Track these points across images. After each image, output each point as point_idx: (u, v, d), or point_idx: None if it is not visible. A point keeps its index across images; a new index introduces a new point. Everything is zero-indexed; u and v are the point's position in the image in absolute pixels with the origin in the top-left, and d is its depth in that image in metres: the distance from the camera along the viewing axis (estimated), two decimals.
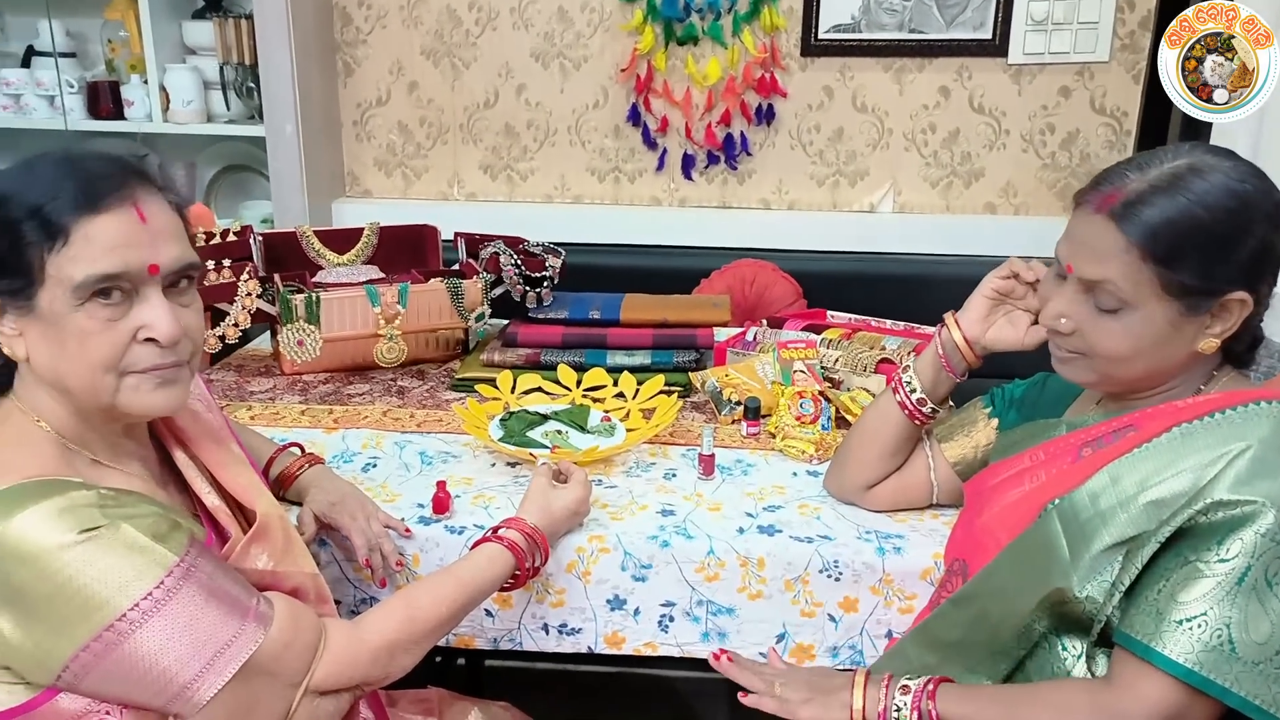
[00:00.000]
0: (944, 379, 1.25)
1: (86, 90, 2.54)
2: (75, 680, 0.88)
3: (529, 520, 1.20)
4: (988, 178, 2.58)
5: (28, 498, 0.88)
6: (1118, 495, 0.96)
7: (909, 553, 1.25)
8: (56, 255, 0.90)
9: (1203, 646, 0.88)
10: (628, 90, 2.58)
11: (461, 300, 1.80)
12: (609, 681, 2.20)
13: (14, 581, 0.86)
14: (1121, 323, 0.99)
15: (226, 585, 0.94)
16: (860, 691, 1.03)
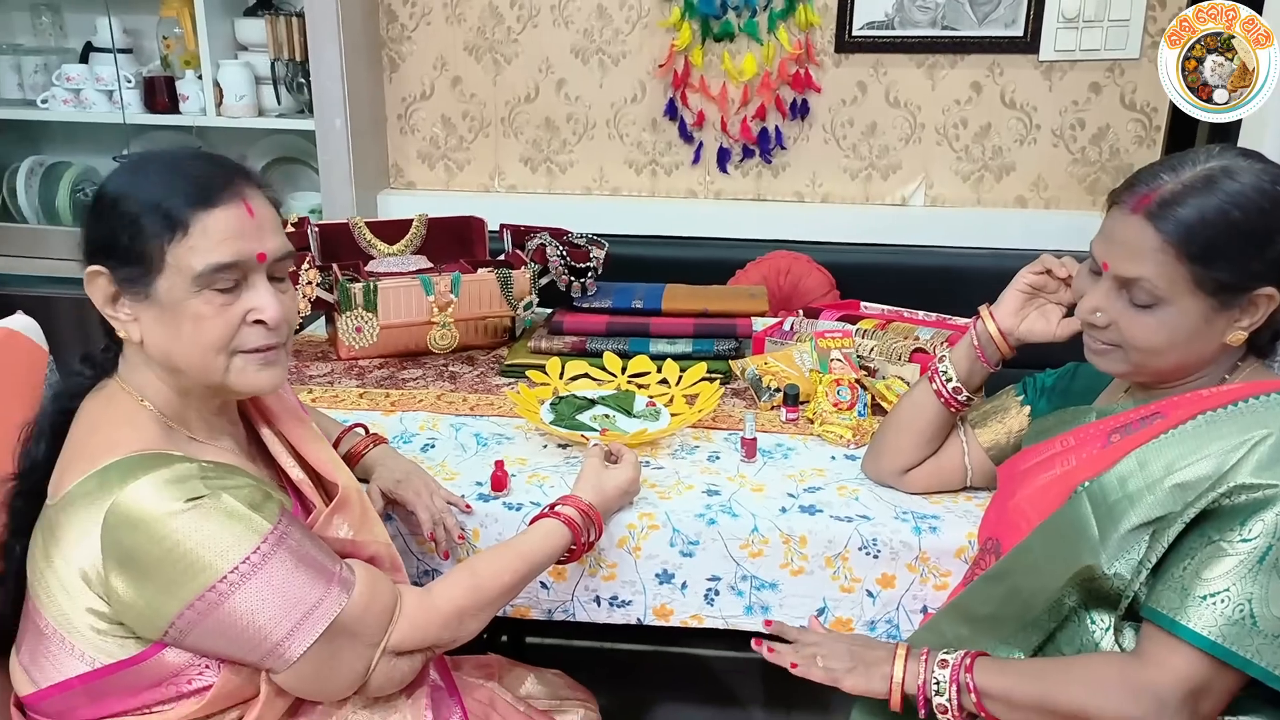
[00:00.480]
0: (978, 368, 1.31)
1: (143, 85, 2.63)
2: (180, 636, 0.97)
3: (584, 498, 1.27)
4: (1018, 172, 2.62)
5: (138, 469, 0.96)
6: (1145, 479, 1.02)
7: (944, 532, 1.32)
8: (176, 246, 0.98)
9: (1225, 620, 0.93)
10: (665, 85, 2.63)
11: (510, 289, 1.88)
12: (645, 658, 2.27)
13: (127, 545, 0.94)
14: (1156, 318, 1.04)
15: (314, 552, 1.02)
16: (901, 664, 1.10)
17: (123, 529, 0.94)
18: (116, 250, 0.99)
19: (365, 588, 1.04)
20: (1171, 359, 1.07)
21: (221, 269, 0.99)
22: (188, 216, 0.98)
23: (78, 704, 1.00)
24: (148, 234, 0.98)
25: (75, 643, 0.99)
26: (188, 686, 1.00)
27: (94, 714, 1.01)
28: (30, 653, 1.03)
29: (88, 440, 1.02)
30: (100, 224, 1.00)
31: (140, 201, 0.99)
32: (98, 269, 1.00)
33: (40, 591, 1.00)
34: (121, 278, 1.00)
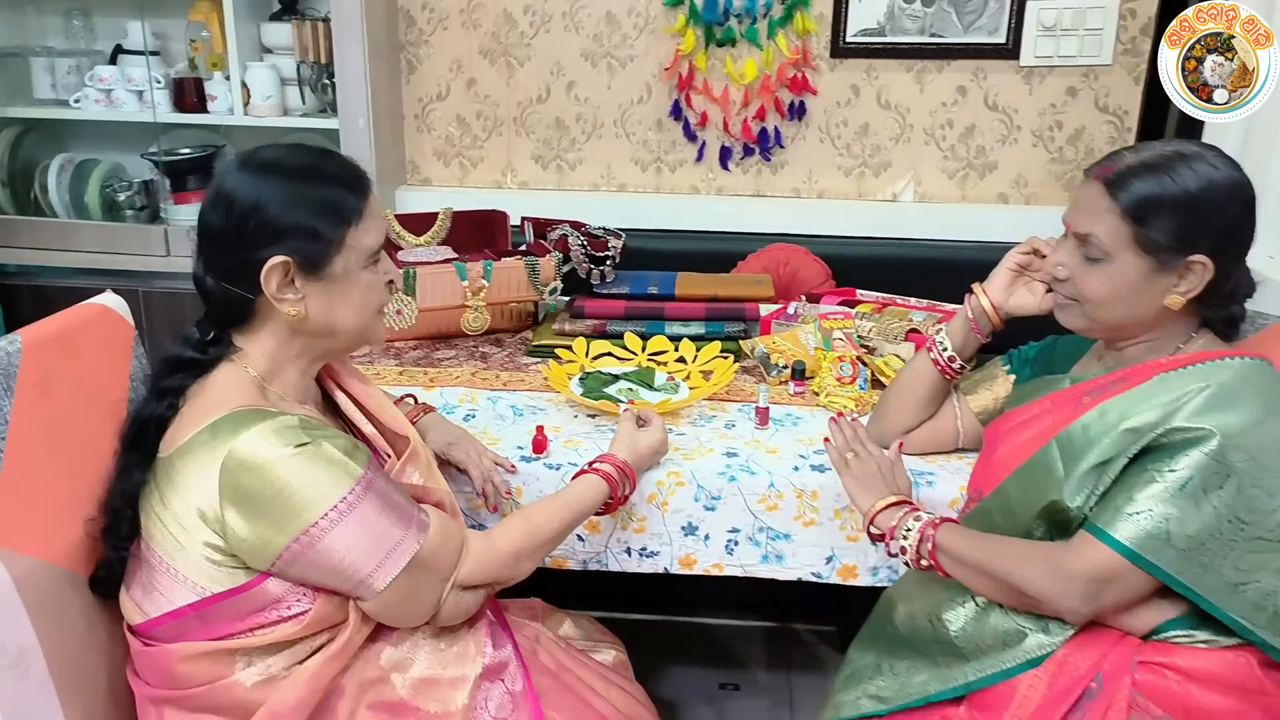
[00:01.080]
0: (972, 339, 1.47)
1: (173, 85, 2.75)
2: (285, 567, 1.11)
3: (620, 456, 1.42)
4: (1000, 170, 2.78)
5: (248, 421, 1.11)
6: (1103, 425, 1.19)
7: (939, 486, 1.48)
8: (354, 230, 1.16)
9: (1145, 534, 1.10)
10: (670, 87, 2.78)
11: (537, 276, 2.03)
12: (654, 627, 2.40)
13: (244, 486, 1.09)
14: (1104, 271, 1.22)
15: (396, 496, 1.17)
16: (885, 502, 1.31)
17: (240, 471, 1.09)
18: (303, 241, 1.14)
19: (438, 529, 1.19)
20: (1117, 312, 1.23)
21: (381, 246, 1.20)
22: (361, 204, 1.17)
23: (191, 628, 1.15)
24: (334, 222, 1.15)
25: (188, 575, 1.13)
26: (287, 612, 1.15)
27: (205, 635, 1.15)
28: (143, 588, 1.17)
29: (198, 403, 1.16)
30: (280, 222, 1.13)
31: (320, 197, 1.15)
32: (284, 259, 1.14)
33: (155, 532, 1.14)
34: (303, 263, 1.15)
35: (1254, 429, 1.10)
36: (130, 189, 2.84)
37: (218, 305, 1.19)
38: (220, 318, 1.20)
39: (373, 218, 1.20)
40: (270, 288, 1.15)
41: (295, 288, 1.17)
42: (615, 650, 1.56)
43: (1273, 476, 1.09)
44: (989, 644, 1.23)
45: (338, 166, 1.21)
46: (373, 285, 1.22)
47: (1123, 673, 1.14)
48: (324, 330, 1.21)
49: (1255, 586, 1.09)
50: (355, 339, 1.25)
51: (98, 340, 1.37)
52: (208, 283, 1.18)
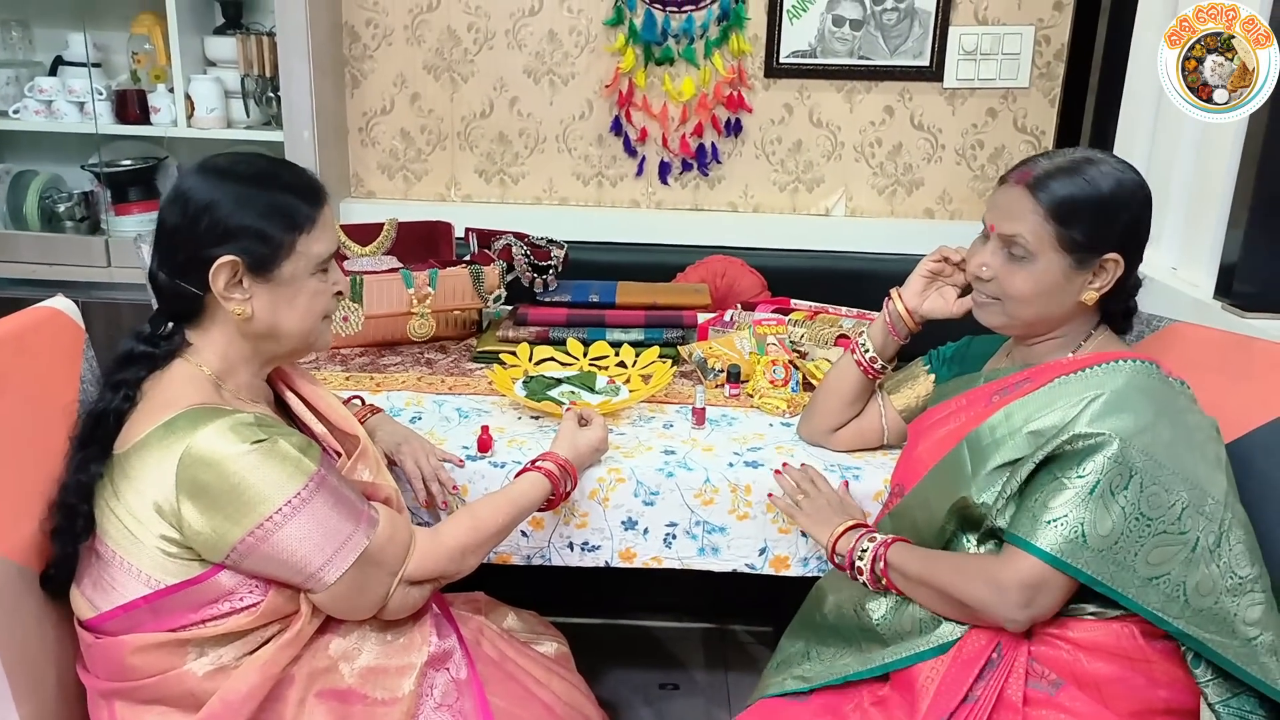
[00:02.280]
0: (890, 341, 1.56)
1: (115, 98, 2.75)
2: (239, 560, 1.15)
3: (561, 454, 1.48)
4: (926, 187, 2.89)
5: (204, 419, 1.15)
6: (1009, 427, 1.28)
7: (865, 479, 1.56)
8: (305, 237, 1.20)
9: (1064, 539, 1.18)
10: (610, 104, 2.85)
11: (481, 284, 2.08)
12: (595, 630, 2.43)
13: (201, 480, 1.12)
14: (1028, 269, 1.30)
15: (347, 493, 1.21)
16: (842, 529, 1.40)
17: (197, 466, 1.12)
18: (252, 242, 1.17)
19: (387, 525, 1.23)
20: (1036, 308, 1.32)
21: (332, 254, 1.24)
22: (314, 213, 1.22)
23: (142, 620, 1.17)
24: (284, 227, 1.19)
25: (141, 568, 1.15)
26: (239, 603, 1.18)
27: (157, 627, 1.18)
28: (94, 582, 1.19)
29: (153, 399, 1.19)
30: (230, 221, 1.17)
31: (273, 202, 1.19)
32: (232, 258, 1.17)
33: (109, 526, 1.17)
34: (252, 264, 1.19)
35: (1148, 430, 1.19)
36: (70, 200, 2.84)
37: (168, 299, 1.23)
38: (170, 312, 1.24)
39: (326, 228, 1.24)
40: (218, 285, 1.19)
41: (243, 288, 1.21)
42: (557, 643, 1.61)
43: (1168, 474, 1.18)
44: (907, 630, 1.31)
45: (294, 175, 1.25)
46: (319, 293, 1.25)
47: (1020, 643, 1.23)
48: (268, 332, 1.24)
49: (1166, 579, 1.16)
50: (300, 343, 1.28)
51: (49, 342, 1.39)
52: (160, 278, 1.22)
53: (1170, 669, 1.20)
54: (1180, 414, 1.22)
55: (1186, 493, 1.17)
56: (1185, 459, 1.19)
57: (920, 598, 1.30)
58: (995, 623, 1.23)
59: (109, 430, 1.19)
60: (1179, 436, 1.20)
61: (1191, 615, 1.16)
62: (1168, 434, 1.20)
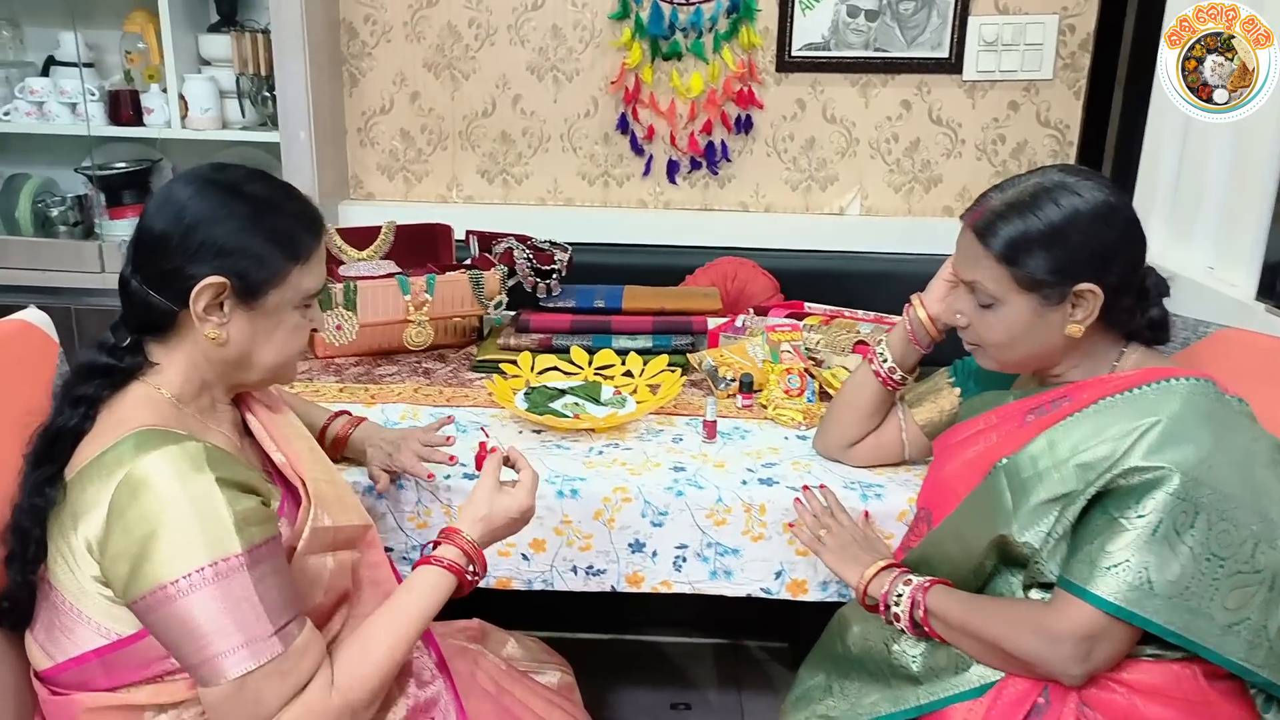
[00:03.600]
0: (911, 351, 1.46)
1: (107, 98, 2.68)
2: (140, 616, 1.02)
3: (466, 533, 1.20)
4: (945, 183, 2.80)
5: (150, 444, 1.02)
6: (1053, 458, 1.17)
7: (888, 498, 1.47)
8: (302, 267, 1.13)
9: (1127, 587, 1.07)
10: (617, 101, 2.77)
11: (481, 290, 1.99)
12: (603, 646, 2.36)
13: (128, 514, 1.00)
14: (996, 315, 1.23)
15: (270, 595, 1.03)
16: (874, 569, 1.29)
17: (127, 498, 1.00)
18: (248, 265, 1.09)
19: (295, 655, 1.04)
20: (1020, 351, 1.24)
21: (317, 292, 1.16)
22: (313, 245, 1.14)
23: (93, 675, 1.06)
24: (284, 255, 1.11)
25: (91, 616, 1.04)
26: None
27: (109, 684, 1.06)
28: (46, 629, 1.09)
29: (105, 422, 1.09)
30: (229, 241, 1.09)
31: (277, 227, 1.12)
32: (220, 279, 1.08)
33: (58, 568, 1.06)
34: (240, 288, 1.10)
35: (1210, 460, 1.08)
36: (63, 204, 2.76)
37: (137, 309, 1.13)
38: (137, 322, 1.14)
39: (319, 262, 1.17)
40: (198, 306, 1.10)
41: (222, 311, 1.12)
42: (561, 672, 1.52)
43: (1236, 506, 1.07)
44: (942, 666, 1.22)
45: (300, 203, 1.17)
46: (298, 328, 1.17)
47: (1069, 688, 1.13)
48: (239, 361, 1.15)
49: (1246, 624, 1.06)
50: (268, 376, 1.19)
51: (19, 357, 1.31)
52: (132, 284, 1.13)
53: (1234, 711, 1.11)
54: (1242, 437, 1.12)
55: (1257, 525, 1.07)
56: (1252, 487, 1.09)
57: (965, 647, 1.20)
58: (1049, 677, 1.14)
59: (65, 450, 1.09)
60: (1243, 463, 1.10)
61: (1278, 662, 1.07)
62: (1232, 462, 1.09)
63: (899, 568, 1.30)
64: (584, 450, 1.58)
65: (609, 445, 1.60)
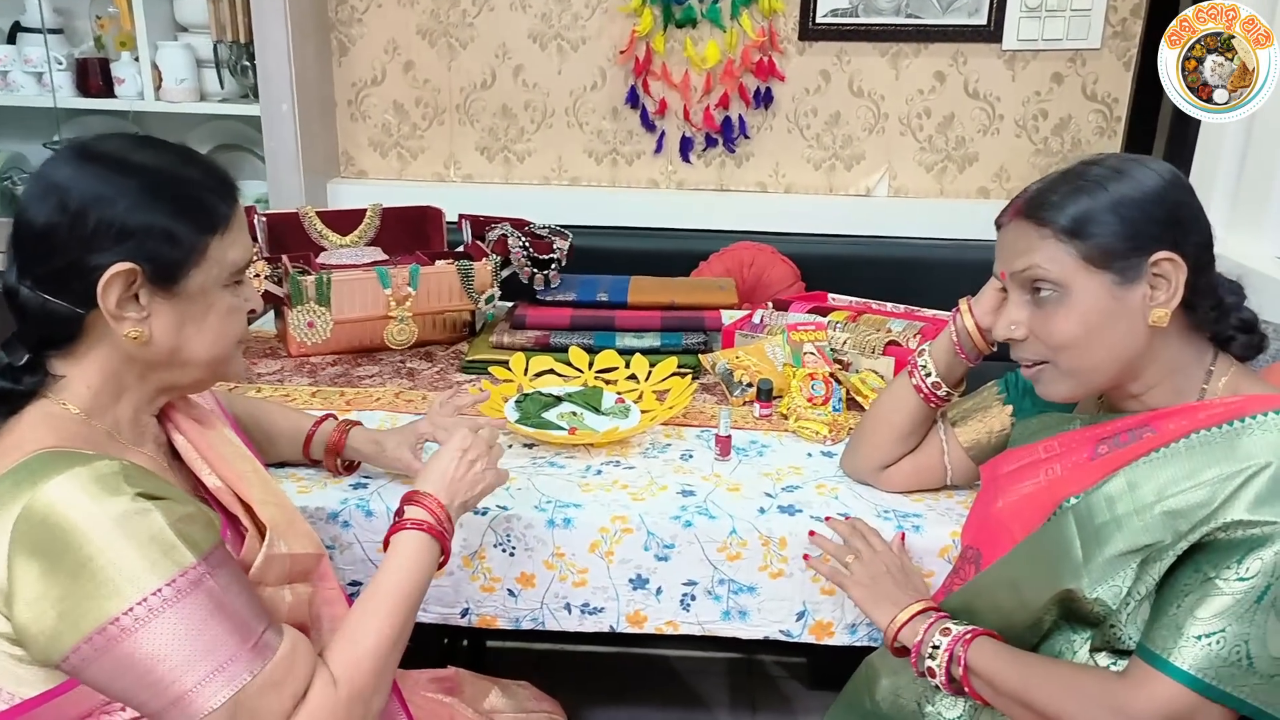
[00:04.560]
0: (958, 363, 1.27)
1: (76, 67, 2.50)
2: (75, 670, 0.86)
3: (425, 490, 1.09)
4: (981, 162, 2.61)
5: (52, 467, 0.86)
6: (1134, 502, 0.97)
7: (927, 530, 1.28)
8: (220, 240, 0.96)
9: (1221, 661, 0.89)
10: (626, 72, 2.58)
11: (471, 282, 1.80)
12: (610, 660, 2.23)
13: (38, 549, 0.84)
14: (1064, 308, 1.02)
15: (236, 603, 0.90)
16: (908, 614, 1.12)
17: (34, 534, 0.84)
18: (157, 244, 0.93)
19: (284, 660, 0.91)
20: (1100, 353, 1.03)
21: (246, 264, 1.00)
22: (228, 212, 0.98)
23: None
24: (196, 227, 0.95)
25: None
26: (120, 716, 0.91)
27: None
28: None
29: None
30: (128, 220, 0.92)
31: (180, 196, 0.95)
32: (129, 266, 0.92)
33: None
34: (154, 273, 0.93)
35: None
36: None
37: (34, 322, 0.95)
38: (36, 337, 0.96)
39: (240, 230, 1.00)
40: (109, 302, 0.92)
41: (139, 304, 0.94)
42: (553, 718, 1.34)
43: None
44: None
45: (203, 166, 1.00)
46: (233, 310, 1.01)
47: None
48: (169, 359, 0.98)
49: None
50: (207, 373, 1.02)
51: None
52: (23, 293, 0.95)
53: None
54: None
55: None
56: None
57: (1016, 717, 1.02)
58: None
59: None
60: None
61: None
62: None
63: (938, 611, 1.11)
64: (580, 469, 1.40)
65: (608, 463, 1.42)
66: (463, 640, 2.15)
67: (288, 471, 1.37)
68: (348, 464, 1.36)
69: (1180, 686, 0.90)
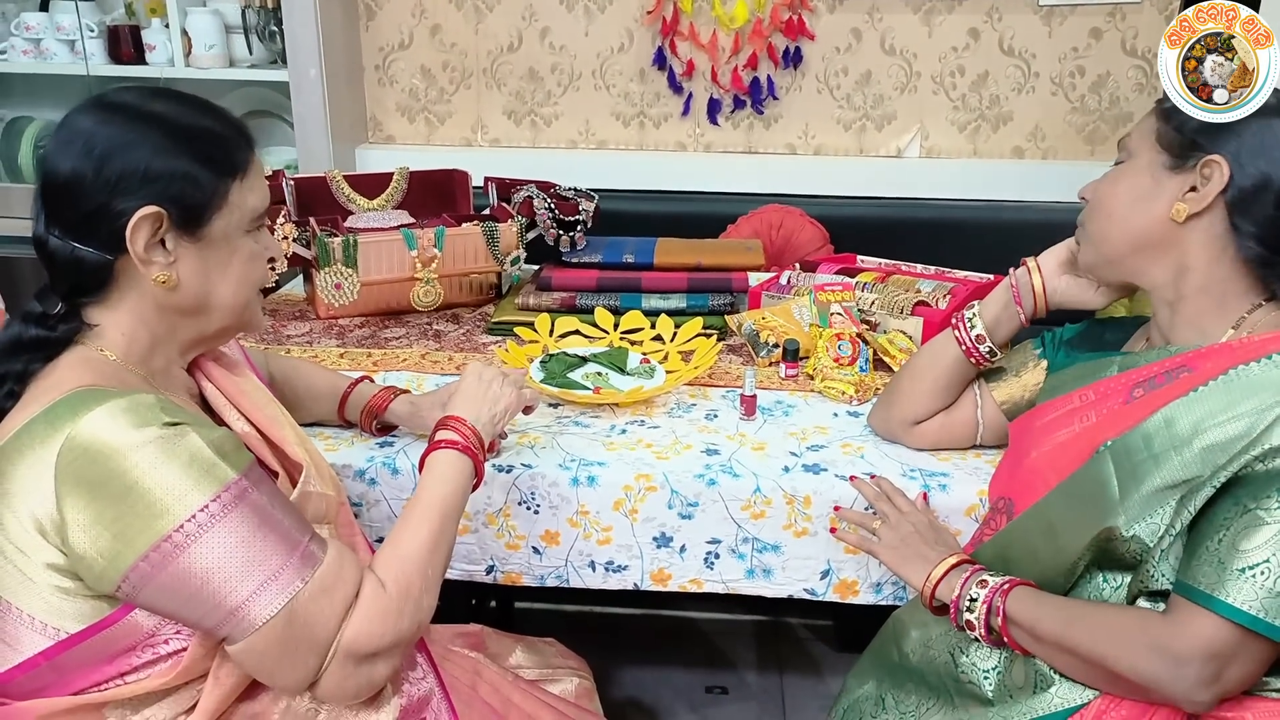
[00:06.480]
0: (1009, 317, 1.25)
1: (107, 34, 2.51)
2: (134, 591, 0.88)
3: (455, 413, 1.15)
4: (1016, 121, 2.56)
5: (91, 400, 0.88)
6: (1172, 438, 0.97)
7: (954, 490, 1.27)
8: (240, 184, 0.99)
9: (1267, 593, 0.88)
10: (653, 33, 2.54)
11: (497, 244, 1.80)
12: (638, 621, 2.25)
13: (85, 480, 0.86)
14: (1119, 170, 1.11)
15: (280, 515, 0.93)
16: (943, 569, 1.11)
17: (79, 464, 0.86)
18: (182, 188, 0.96)
19: (332, 566, 0.94)
20: (1117, 225, 1.10)
21: (264, 210, 1.03)
22: (246, 157, 1.00)
23: (46, 680, 0.93)
24: (218, 171, 0.97)
25: (34, 614, 0.91)
26: (163, 649, 0.93)
27: (64, 689, 0.94)
28: None
29: (35, 389, 0.94)
30: (152, 165, 0.94)
31: (201, 141, 0.97)
32: (155, 209, 0.94)
33: None
34: (179, 217, 0.96)
35: None
36: None
37: (65, 269, 0.97)
38: (68, 285, 0.98)
39: (259, 176, 1.02)
40: (137, 246, 0.94)
41: (166, 249, 0.96)
42: (579, 677, 1.35)
43: None
44: (1019, 685, 1.03)
45: (219, 114, 1.02)
46: (255, 256, 1.03)
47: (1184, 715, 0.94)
48: (196, 305, 1.00)
49: None
50: (232, 319, 1.04)
51: None
52: (51, 242, 0.96)
53: None
54: None
55: None
56: None
57: (1058, 663, 1.01)
58: (1169, 702, 0.94)
59: None
60: None
61: None
62: None
63: (972, 564, 1.11)
64: (605, 429, 1.40)
65: (633, 422, 1.42)
66: (490, 601, 2.17)
67: (314, 430, 1.38)
68: (382, 426, 1.37)
69: (1225, 622, 0.89)
